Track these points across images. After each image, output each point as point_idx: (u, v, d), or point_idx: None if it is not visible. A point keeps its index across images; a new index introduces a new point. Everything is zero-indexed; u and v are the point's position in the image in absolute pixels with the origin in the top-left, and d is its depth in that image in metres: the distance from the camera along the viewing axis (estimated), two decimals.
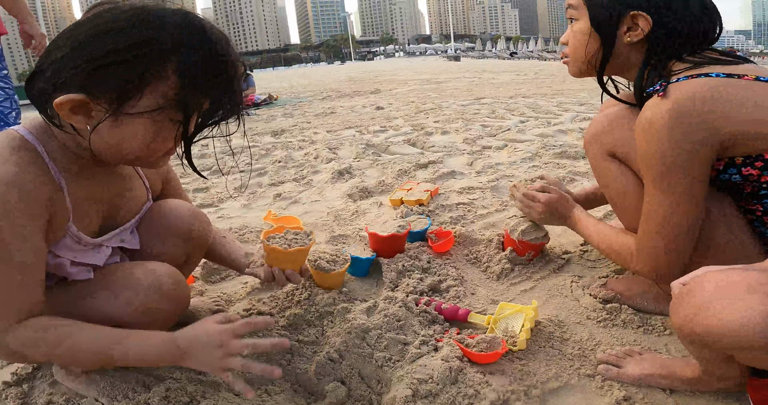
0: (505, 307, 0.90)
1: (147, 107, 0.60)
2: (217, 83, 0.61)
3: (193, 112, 0.62)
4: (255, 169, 2.14)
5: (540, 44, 38.47)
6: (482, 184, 1.69)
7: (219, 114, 0.64)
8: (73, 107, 0.58)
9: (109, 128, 0.60)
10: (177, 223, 0.83)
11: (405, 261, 1.11)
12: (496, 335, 0.82)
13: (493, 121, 3.07)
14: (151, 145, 0.63)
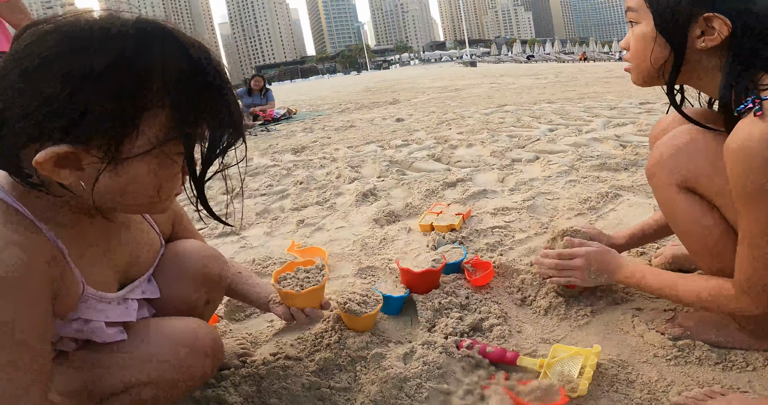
0: (559, 350, 0.81)
1: (147, 145, 0.49)
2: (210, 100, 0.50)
3: (195, 138, 0.52)
4: (277, 191, 2.08)
5: (557, 46, 37.81)
6: (517, 204, 1.58)
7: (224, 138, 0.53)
8: (59, 161, 0.47)
9: (109, 178, 0.50)
10: (191, 267, 0.77)
11: (441, 297, 1.02)
12: (552, 382, 0.73)
13: (520, 130, 2.95)
14: (160, 188, 0.53)
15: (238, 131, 0.53)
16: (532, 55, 32.88)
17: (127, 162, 0.49)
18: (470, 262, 1.16)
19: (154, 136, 0.49)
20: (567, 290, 1.00)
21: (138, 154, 0.49)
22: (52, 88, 0.44)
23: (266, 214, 1.79)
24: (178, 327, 0.67)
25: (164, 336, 0.66)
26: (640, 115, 3.10)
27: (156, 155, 0.50)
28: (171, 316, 0.72)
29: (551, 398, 0.71)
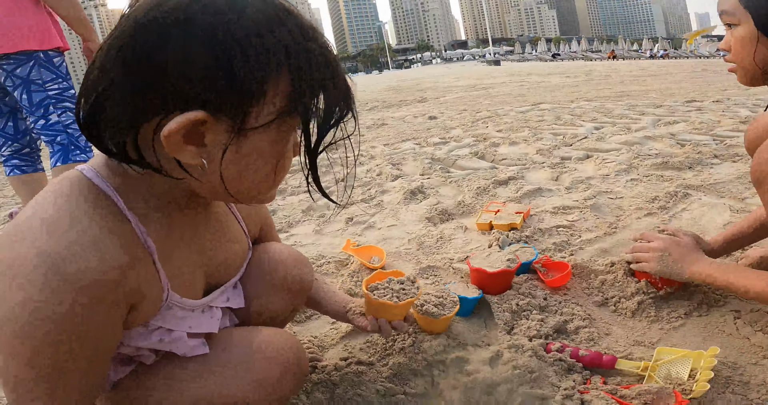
0: (664, 353, 0.76)
1: (270, 115, 0.45)
2: (326, 77, 0.48)
3: (311, 113, 0.48)
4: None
5: (584, 44, 36.83)
6: (578, 203, 1.50)
7: (336, 112, 0.49)
8: (187, 135, 0.43)
9: (231, 154, 0.46)
10: (285, 275, 0.73)
11: (518, 299, 0.97)
12: (663, 385, 0.68)
13: (563, 128, 2.85)
14: (276, 167, 0.49)
15: (350, 104, 0.50)
16: (558, 54, 32.20)
17: (250, 134, 0.46)
18: (540, 262, 1.10)
19: (276, 106, 0.46)
20: (654, 291, 0.94)
21: (262, 124, 0.46)
22: (191, 52, 0.42)
23: (312, 212, 1.76)
24: (266, 340, 0.62)
25: (251, 350, 0.60)
26: (690, 114, 2.97)
27: (276, 127, 0.47)
28: (254, 327, 0.66)
29: (664, 401, 0.66)
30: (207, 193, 0.51)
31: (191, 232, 0.57)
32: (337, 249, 1.39)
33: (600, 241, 1.24)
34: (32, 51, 1.45)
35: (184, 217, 0.55)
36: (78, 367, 0.45)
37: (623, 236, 1.24)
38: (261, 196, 0.53)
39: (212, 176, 0.47)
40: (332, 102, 0.48)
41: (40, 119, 1.48)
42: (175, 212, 0.53)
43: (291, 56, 0.45)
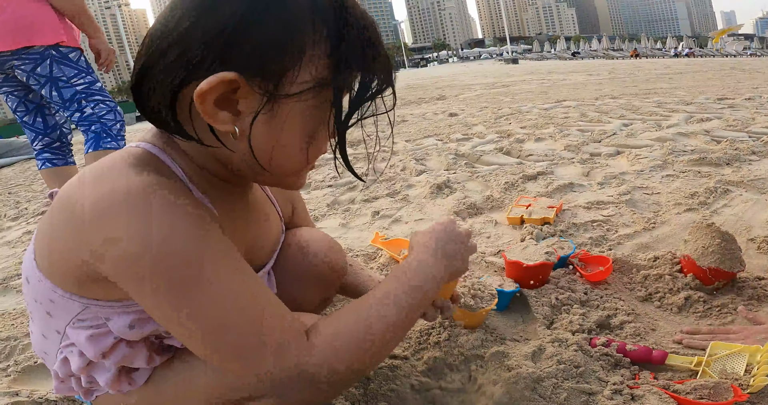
0: (718, 347, 0.73)
1: (305, 84, 0.44)
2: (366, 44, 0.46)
3: (348, 83, 0.47)
4: (343, 183, 2.05)
5: (605, 43, 36.06)
6: (613, 198, 1.47)
7: (373, 86, 0.47)
8: (221, 97, 0.43)
9: (263, 123, 0.45)
10: (320, 263, 0.71)
11: (557, 293, 0.94)
12: (719, 380, 0.65)
13: (590, 125, 2.80)
14: (309, 143, 0.48)
15: (389, 80, 0.48)
16: (578, 52, 31.68)
17: (284, 102, 0.44)
18: (577, 256, 1.07)
19: (313, 75, 0.45)
20: (701, 287, 0.91)
21: (296, 92, 0.44)
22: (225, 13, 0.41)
23: (337, 206, 1.76)
24: None
25: None
26: (723, 111, 2.88)
27: (312, 98, 0.45)
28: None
29: (722, 396, 0.63)
30: (241, 168, 0.50)
31: (235, 209, 0.57)
32: (365, 242, 1.38)
33: (639, 236, 1.21)
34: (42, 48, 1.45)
35: (228, 196, 0.54)
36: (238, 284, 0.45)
37: (663, 231, 1.21)
38: (292, 177, 0.52)
39: (244, 146, 0.46)
40: (371, 74, 0.47)
41: (76, 112, 1.52)
42: (219, 190, 0.53)
43: (330, 22, 0.44)
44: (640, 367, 0.74)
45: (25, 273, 0.52)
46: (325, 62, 0.44)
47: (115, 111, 1.56)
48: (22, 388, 0.88)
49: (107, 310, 0.49)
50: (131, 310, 0.49)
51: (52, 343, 0.55)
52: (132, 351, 0.52)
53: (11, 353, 1.02)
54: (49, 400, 0.82)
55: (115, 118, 1.55)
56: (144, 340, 0.53)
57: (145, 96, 0.46)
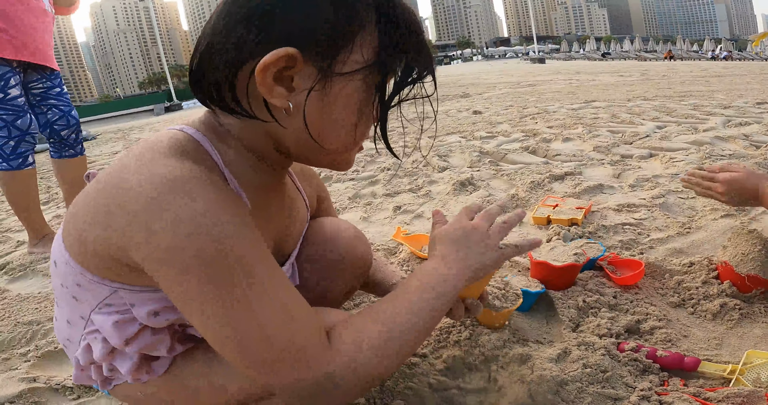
0: (754, 356, 0.71)
1: (357, 64, 0.46)
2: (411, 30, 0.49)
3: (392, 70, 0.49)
4: (364, 177, 2.05)
5: (637, 44, 35.10)
6: (645, 201, 1.43)
7: (416, 72, 0.50)
8: (278, 73, 0.45)
9: (315, 100, 0.47)
10: (348, 255, 0.71)
11: (584, 295, 0.92)
12: (753, 389, 0.63)
13: (622, 126, 2.73)
14: (359, 121, 0.49)
15: (431, 66, 0.51)
16: (608, 53, 30.96)
17: (335, 80, 0.47)
18: (606, 259, 1.04)
19: (363, 57, 0.47)
20: (737, 294, 0.88)
21: (348, 72, 0.46)
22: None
23: (358, 199, 1.76)
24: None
25: None
26: (763, 115, 2.77)
27: (361, 79, 0.48)
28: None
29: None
30: (292, 143, 0.51)
31: (271, 197, 0.57)
32: (386, 237, 1.38)
33: (672, 240, 1.17)
34: None
35: (266, 185, 0.55)
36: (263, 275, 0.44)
37: (698, 237, 1.17)
38: (340, 156, 0.53)
39: (297, 122, 0.48)
40: (414, 61, 0.49)
41: None
42: (264, 168, 0.54)
43: (382, 11, 0.47)
44: (670, 374, 0.72)
45: (53, 256, 0.52)
46: (375, 46, 0.47)
47: (10, 126, 1.48)
48: (41, 374, 0.90)
49: (134, 296, 0.49)
50: (158, 296, 0.49)
51: (76, 330, 0.55)
52: (155, 338, 0.53)
53: (33, 338, 1.05)
54: (66, 387, 0.84)
55: (8, 135, 1.48)
56: (168, 328, 0.54)
57: (205, 73, 0.48)
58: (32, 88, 1.63)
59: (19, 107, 1.50)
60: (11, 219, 2.36)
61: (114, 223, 0.43)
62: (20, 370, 0.91)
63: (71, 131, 1.69)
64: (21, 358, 0.96)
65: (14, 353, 0.99)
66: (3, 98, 1.47)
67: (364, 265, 0.74)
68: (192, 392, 0.55)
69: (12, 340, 1.04)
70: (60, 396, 0.83)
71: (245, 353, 0.43)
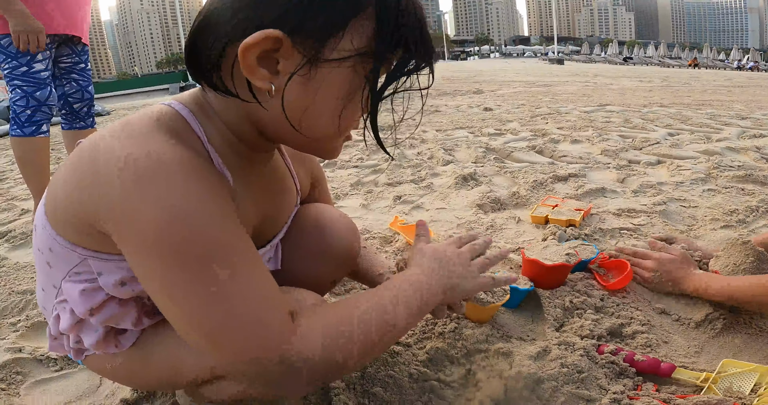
0: (729, 365, 0.72)
1: (346, 52, 0.45)
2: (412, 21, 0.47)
3: (386, 61, 0.48)
4: (369, 165, 2.06)
5: (662, 50, 34.46)
6: (646, 207, 1.43)
7: (412, 63, 0.48)
8: (263, 54, 0.44)
9: (299, 84, 0.46)
10: (335, 243, 0.70)
11: (572, 296, 0.93)
12: (722, 397, 0.64)
13: (633, 131, 2.71)
14: (344, 110, 0.48)
15: (429, 58, 0.49)
16: (630, 57, 30.48)
17: (322, 66, 0.46)
18: (596, 262, 1.05)
19: (354, 45, 0.46)
20: (724, 303, 0.89)
21: (336, 58, 0.45)
22: None
23: (360, 187, 1.78)
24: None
25: None
26: None
27: (350, 67, 0.46)
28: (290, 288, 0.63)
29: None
30: (272, 126, 0.51)
31: (253, 176, 0.57)
32: (384, 225, 1.39)
33: None
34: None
35: (251, 158, 0.55)
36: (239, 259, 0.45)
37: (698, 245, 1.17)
38: (323, 144, 0.53)
39: (278, 105, 0.47)
40: (412, 50, 0.47)
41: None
42: (245, 152, 0.54)
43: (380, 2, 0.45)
44: (645, 379, 0.73)
45: (36, 221, 0.53)
46: (369, 33, 0.46)
47: (29, 97, 1.55)
48: (27, 344, 0.91)
49: (102, 264, 0.50)
50: (126, 266, 0.48)
51: (49, 298, 0.56)
52: (121, 310, 0.53)
53: (24, 307, 1.07)
54: (50, 358, 0.85)
55: (26, 105, 1.56)
56: (135, 300, 0.54)
57: (198, 48, 0.48)
58: (60, 62, 1.70)
59: (41, 80, 1.57)
60: (18, 187, 2.41)
61: (92, 192, 0.44)
62: (8, 339, 0.93)
63: (83, 105, 1.76)
64: (11, 327, 0.98)
65: (4, 322, 1.00)
66: (27, 71, 1.55)
67: (351, 255, 0.73)
68: (154, 367, 0.56)
69: (5, 309, 1.06)
70: (43, 367, 0.84)
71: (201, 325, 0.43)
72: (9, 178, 2.74)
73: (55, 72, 1.68)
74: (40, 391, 0.79)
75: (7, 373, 0.82)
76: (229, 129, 0.52)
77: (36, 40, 1.52)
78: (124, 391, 0.76)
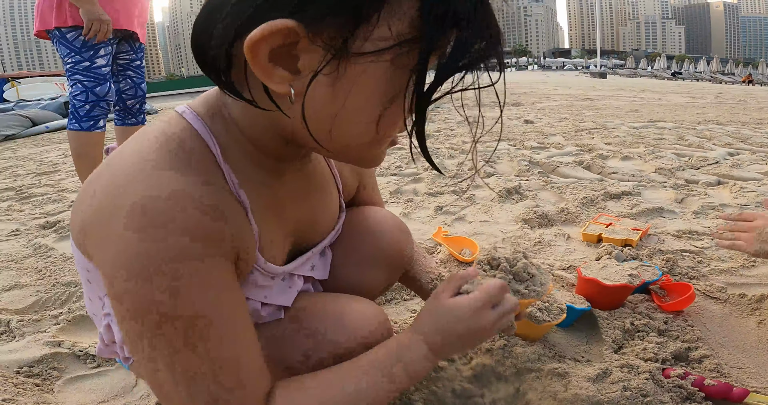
0: None
1: (383, 42, 0.36)
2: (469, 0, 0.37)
3: (438, 43, 0.37)
4: (408, 173, 2.06)
5: (715, 65, 33.32)
6: (710, 230, 1.36)
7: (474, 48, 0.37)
8: (278, 51, 0.36)
9: (325, 86, 0.38)
10: (387, 248, 0.67)
11: (633, 318, 0.90)
12: None
13: (689, 150, 2.61)
14: (381, 115, 0.40)
15: (495, 44, 0.38)
16: (679, 72, 29.61)
17: (354, 61, 0.37)
18: (658, 283, 1.01)
19: (394, 31, 0.36)
20: None
21: (371, 51, 0.36)
22: None
23: (400, 195, 1.78)
24: (353, 310, 0.55)
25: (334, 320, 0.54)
26: None
27: (390, 61, 0.37)
28: (339, 294, 0.60)
29: None
30: (300, 136, 0.43)
31: (282, 186, 0.51)
32: (426, 235, 1.38)
33: (734, 272, 1.11)
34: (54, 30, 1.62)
35: (277, 170, 0.50)
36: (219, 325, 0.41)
37: (763, 271, 1.11)
38: (360, 153, 0.45)
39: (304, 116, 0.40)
40: (470, 36, 0.37)
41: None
42: (269, 164, 0.49)
43: None
44: (715, 404, 0.70)
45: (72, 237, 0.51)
46: (413, 16, 0.36)
47: (89, 91, 1.62)
48: (67, 338, 0.93)
49: None
50: None
51: (96, 308, 0.55)
52: None
53: (67, 300, 1.10)
54: (88, 354, 0.87)
55: (85, 100, 1.63)
56: None
57: (204, 47, 0.41)
58: (119, 58, 1.80)
59: (102, 76, 1.66)
60: (69, 179, 2.54)
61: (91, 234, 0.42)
62: (48, 332, 0.95)
63: (136, 101, 1.85)
64: (51, 320, 1.01)
65: (46, 314, 1.03)
66: (89, 66, 1.63)
67: (403, 258, 0.70)
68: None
69: (47, 300, 1.10)
70: (80, 363, 0.86)
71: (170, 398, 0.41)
72: (61, 171, 2.89)
73: (112, 68, 1.77)
74: (74, 388, 0.81)
75: (43, 368, 0.84)
76: (249, 139, 0.46)
77: (106, 29, 1.60)
78: None
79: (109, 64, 1.68)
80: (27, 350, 0.88)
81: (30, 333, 0.96)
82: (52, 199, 2.09)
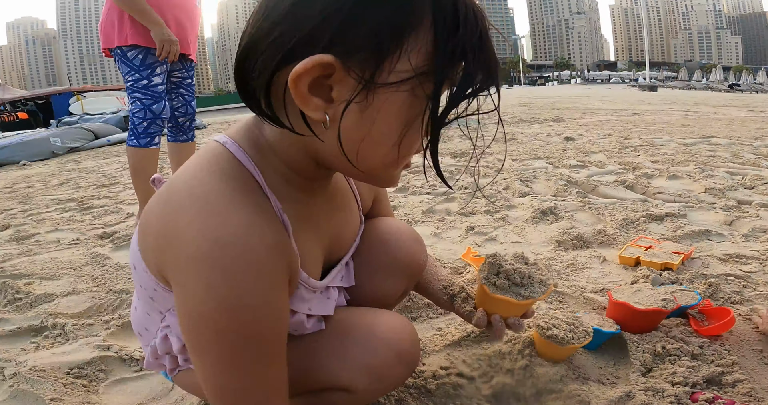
0: None
1: (405, 73, 0.42)
2: (473, 38, 0.43)
3: (447, 78, 0.44)
4: (441, 192, 2.09)
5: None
6: (759, 254, 1.30)
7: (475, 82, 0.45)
8: (315, 82, 0.42)
9: (355, 113, 0.44)
10: (402, 256, 0.72)
11: (665, 342, 0.89)
12: None
13: (743, 168, 2.49)
14: (404, 138, 0.46)
15: (493, 77, 0.46)
16: (737, 84, 28.07)
17: (379, 92, 0.43)
18: (696, 307, 0.98)
19: (412, 65, 0.43)
20: None
21: (393, 82, 0.43)
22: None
23: (431, 214, 1.80)
24: (384, 323, 0.61)
25: (368, 333, 0.60)
26: None
27: (409, 90, 0.44)
28: (372, 308, 0.66)
29: None
30: (330, 159, 0.50)
31: (314, 205, 0.57)
32: (455, 255, 1.40)
33: None
34: (116, 48, 1.74)
35: (310, 189, 0.56)
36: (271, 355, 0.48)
37: None
38: (382, 172, 0.51)
39: (335, 137, 0.45)
40: (474, 69, 0.44)
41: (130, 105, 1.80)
42: (302, 184, 0.54)
43: (437, 9, 0.42)
44: None
45: (131, 259, 0.56)
46: (428, 51, 0.43)
47: (147, 109, 1.72)
48: (115, 342, 1.01)
49: None
50: None
51: (153, 322, 0.60)
52: None
53: (119, 306, 1.19)
54: (133, 358, 0.94)
55: (143, 117, 1.73)
56: None
57: (246, 78, 0.46)
58: (172, 76, 1.93)
59: (158, 94, 1.78)
60: (126, 192, 2.75)
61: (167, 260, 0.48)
62: (99, 336, 1.03)
63: (187, 119, 1.99)
64: (103, 325, 1.09)
65: (99, 319, 1.12)
66: (147, 84, 1.76)
67: (418, 266, 0.75)
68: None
69: (101, 306, 1.20)
70: (125, 366, 0.93)
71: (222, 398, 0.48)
72: (119, 183, 3.13)
73: (166, 86, 1.90)
74: (117, 390, 0.87)
75: (91, 370, 0.92)
76: (284, 162, 0.51)
77: (176, 50, 1.73)
78: (192, 398, 0.82)
79: (164, 83, 1.80)
80: (78, 353, 0.97)
81: (83, 336, 1.05)
82: (110, 210, 2.28)
